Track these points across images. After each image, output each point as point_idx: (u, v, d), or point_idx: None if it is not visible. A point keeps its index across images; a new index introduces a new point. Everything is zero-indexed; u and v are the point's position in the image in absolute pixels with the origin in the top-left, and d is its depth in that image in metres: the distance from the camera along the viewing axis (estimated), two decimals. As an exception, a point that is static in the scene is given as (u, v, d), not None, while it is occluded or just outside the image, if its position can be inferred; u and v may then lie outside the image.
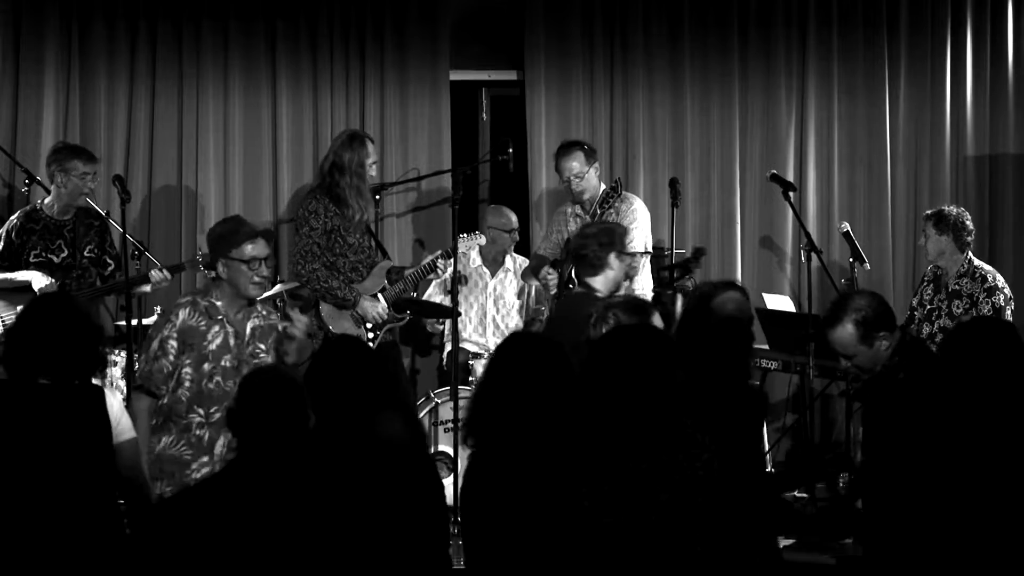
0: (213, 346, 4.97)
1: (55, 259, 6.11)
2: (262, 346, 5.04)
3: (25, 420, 3.82)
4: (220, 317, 5.00)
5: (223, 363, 4.95)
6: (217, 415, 4.87)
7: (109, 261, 6.34)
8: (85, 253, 6.19)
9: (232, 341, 5.00)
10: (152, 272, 6.07)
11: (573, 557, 3.36)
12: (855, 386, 5.14)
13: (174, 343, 4.95)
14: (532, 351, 3.61)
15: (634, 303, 4.95)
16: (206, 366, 4.91)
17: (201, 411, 4.90)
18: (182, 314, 5.00)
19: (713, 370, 4.20)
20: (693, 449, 3.43)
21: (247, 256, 4.94)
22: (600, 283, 5.47)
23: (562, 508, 3.35)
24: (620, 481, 3.37)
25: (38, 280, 6.00)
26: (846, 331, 4.44)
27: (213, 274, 5.04)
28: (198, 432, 4.90)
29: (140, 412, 4.87)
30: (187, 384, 4.90)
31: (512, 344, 3.71)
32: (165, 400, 4.90)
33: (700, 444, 3.45)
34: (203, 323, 4.99)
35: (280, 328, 5.02)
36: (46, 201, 6.24)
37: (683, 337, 4.60)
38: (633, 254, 5.99)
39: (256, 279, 4.96)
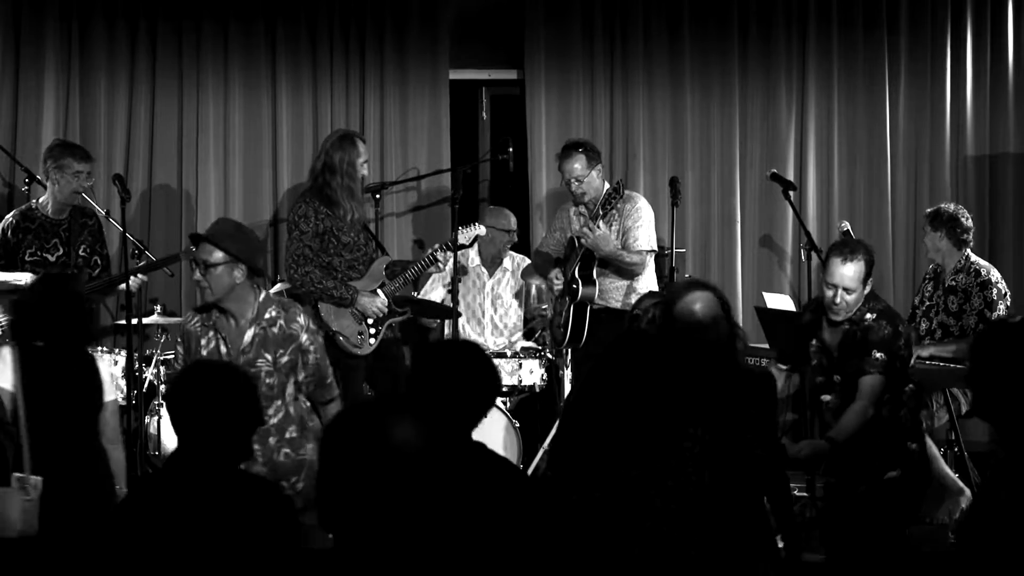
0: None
1: (50, 258, 6.09)
2: (268, 356, 4.94)
3: (31, 377, 4.51)
4: (211, 322, 4.99)
5: None
6: None
7: (99, 261, 6.31)
8: (79, 252, 6.17)
9: (223, 349, 4.96)
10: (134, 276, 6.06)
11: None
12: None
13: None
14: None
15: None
16: None
17: None
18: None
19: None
20: (685, 443, 3.40)
21: (191, 257, 5.07)
22: None
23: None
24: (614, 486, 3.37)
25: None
26: (860, 266, 4.91)
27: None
28: None
29: None
30: None
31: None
32: None
33: (692, 437, 3.42)
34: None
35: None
36: (41, 200, 6.22)
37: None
38: None
39: (201, 281, 4.95)
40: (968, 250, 6.62)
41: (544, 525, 3.22)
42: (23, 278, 6.01)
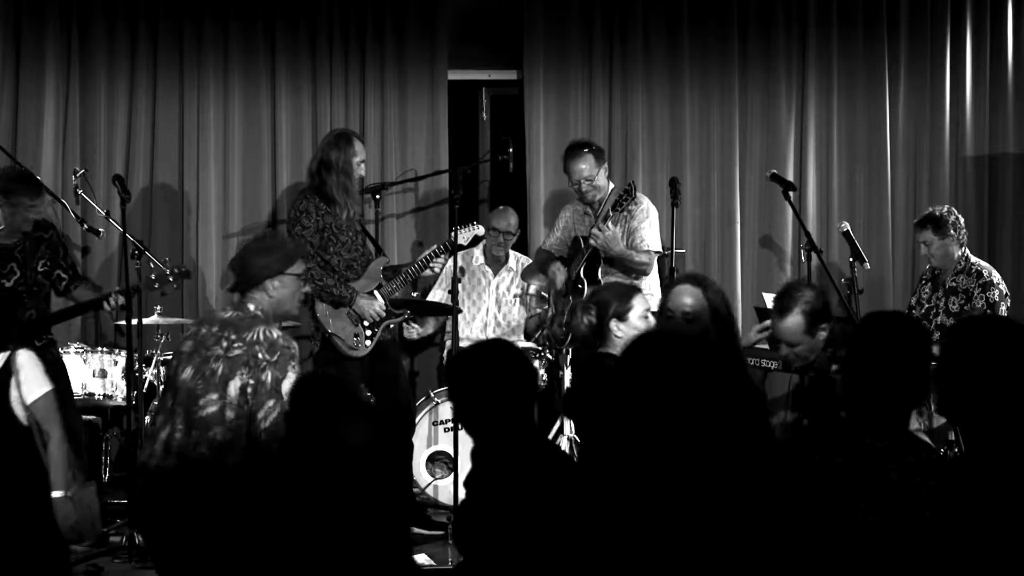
0: None
1: (7, 283, 6.01)
2: None
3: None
4: None
5: None
6: None
7: (63, 275, 6.21)
8: (38, 269, 6.11)
9: None
10: (109, 298, 6.02)
11: None
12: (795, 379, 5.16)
13: None
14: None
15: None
16: None
17: None
18: None
19: None
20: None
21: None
22: None
23: None
24: None
25: None
26: (796, 321, 4.71)
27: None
28: None
29: None
30: None
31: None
32: None
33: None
34: None
35: None
36: None
37: None
38: None
39: None
40: (966, 250, 6.62)
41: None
42: None
